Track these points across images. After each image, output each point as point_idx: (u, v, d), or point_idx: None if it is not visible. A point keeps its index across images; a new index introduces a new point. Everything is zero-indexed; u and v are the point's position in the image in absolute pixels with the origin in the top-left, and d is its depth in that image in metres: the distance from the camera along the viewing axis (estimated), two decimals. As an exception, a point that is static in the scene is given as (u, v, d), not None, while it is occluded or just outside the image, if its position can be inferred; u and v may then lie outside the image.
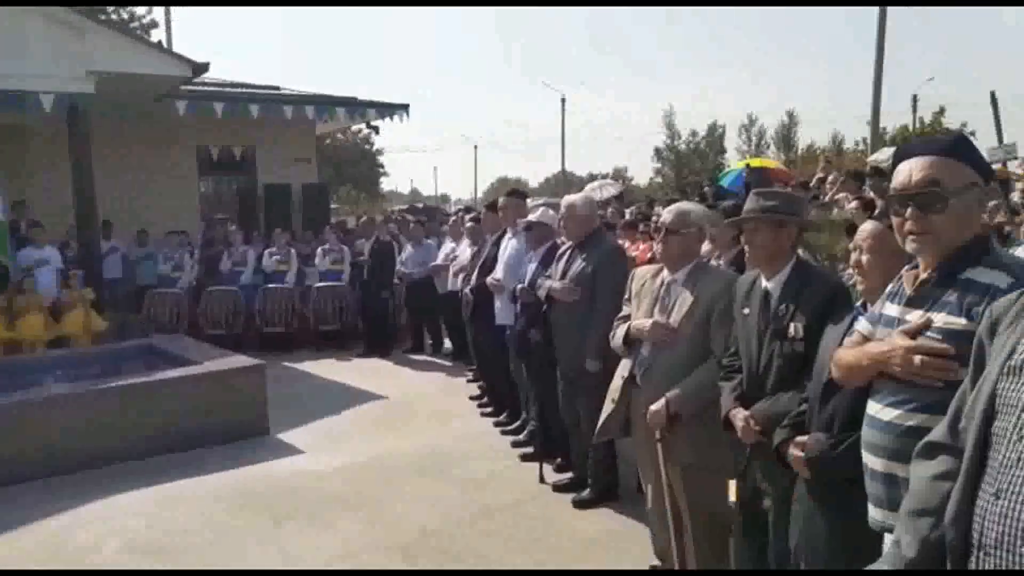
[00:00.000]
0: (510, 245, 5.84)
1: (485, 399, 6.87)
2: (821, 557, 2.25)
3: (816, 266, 3.55)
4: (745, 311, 2.88)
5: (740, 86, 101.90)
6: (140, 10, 29.56)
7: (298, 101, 12.52)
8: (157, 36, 25.76)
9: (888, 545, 1.67)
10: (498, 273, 5.80)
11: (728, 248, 4.13)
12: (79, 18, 8.93)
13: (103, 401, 5.61)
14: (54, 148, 9.88)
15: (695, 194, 13.84)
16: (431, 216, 15.93)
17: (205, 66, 9.80)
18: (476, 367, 7.30)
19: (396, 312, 10.18)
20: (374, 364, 9.06)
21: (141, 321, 9.63)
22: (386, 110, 13.34)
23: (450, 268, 7.89)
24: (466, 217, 8.28)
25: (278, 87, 13.72)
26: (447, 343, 9.36)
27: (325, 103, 12.91)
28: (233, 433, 5.89)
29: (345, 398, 7.29)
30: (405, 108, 13.38)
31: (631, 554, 3.89)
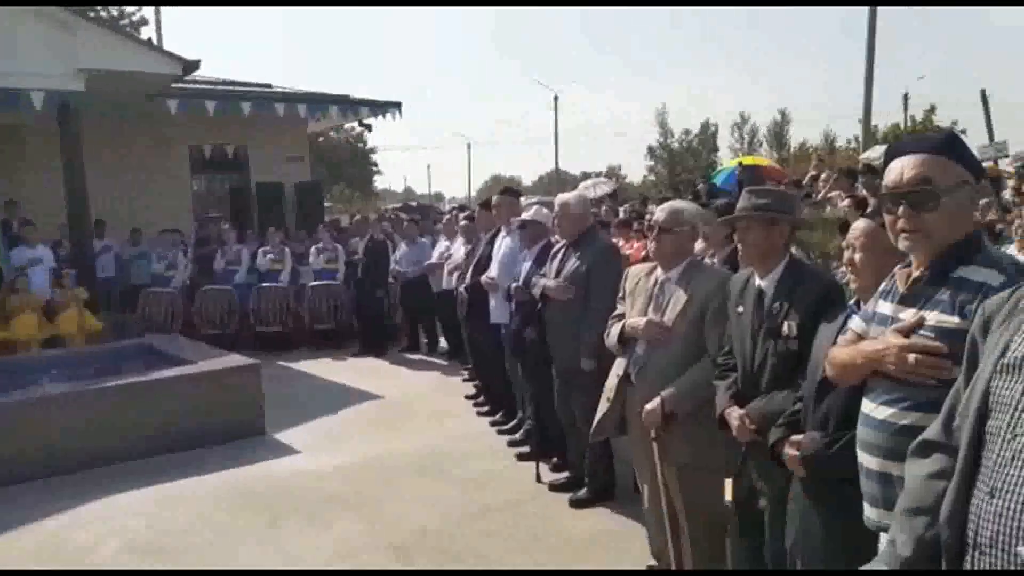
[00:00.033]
0: (504, 243, 5.83)
1: (481, 398, 6.87)
2: (817, 556, 2.25)
3: (809, 264, 3.56)
4: (739, 309, 2.88)
5: (735, 86, 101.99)
6: (130, 8, 29.46)
7: (290, 99, 12.50)
8: (147, 34, 25.69)
9: (883, 544, 1.67)
10: (492, 272, 5.80)
11: (721, 246, 4.14)
12: (69, 16, 8.90)
13: (100, 401, 5.59)
14: (47, 147, 9.84)
15: (688, 192, 13.84)
16: (425, 214, 15.94)
17: (196, 64, 9.78)
18: (472, 366, 7.30)
19: (391, 311, 10.18)
20: (370, 363, 9.05)
21: (136, 321, 9.61)
22: (379, 108, 13.34)
23: (444, 267, 7.88)
24: (460, 215, 8.25)
25: (269, 85, 13.67)
26: (442, 342, 9.35)
27: (317, 101, 12.89)
28: (230, 433, 5.89)
29: (341, 398, 7.28)
30: (398, 106, 13.37)
31: (628, 554, 3.89)
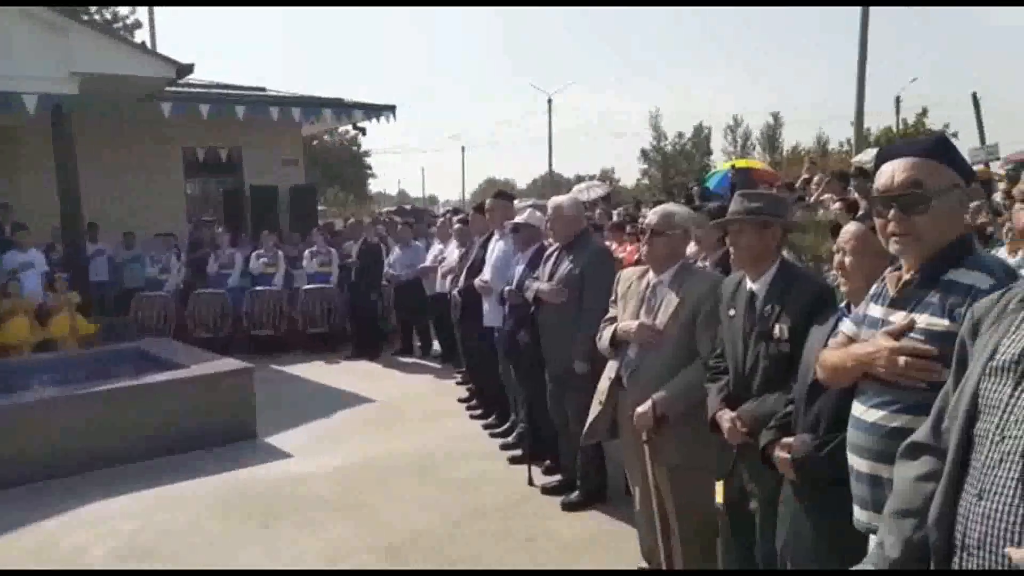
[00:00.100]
0: (498, 247, 5.83)
1: (474, 401, 6.86)
2: (808, 558, 2.25)
3: (801, 267, 3.57)
4: (731, 312, 2.89)
5: (735, 86, 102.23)
6: (123, 10, 29.37)
7: (284, 102, 12.48)
8: (141, 37, 25.66)
9: (873, 546, 1.67)
10: (486, 275, 5.80)
11: (713, 249, 4.14)
12: (62, 19, 8.87)
13: (92, 405, 5.56)
14: (43, 149, 9.81)
15: (681, 195, 13.88)
16: (419, 218, 15.88)
17: (190, 67, 9.76)
18: (465, 369, 7.29)
19: (385, 314, 10.16)
20: (363, 366, 9.03)
21: (129, 324, 9.58)
22: (373, 111, 13.31)
23: (438, 270, 7.88)
24: (454, 219, 8.26)
25: (263, 88, 13.65)
26: (436, 345, 9.35)
27: (312, 104, 12.88)
28: (222, 436, 5.86)
29: (334, 401, 7.27)
30: (392, 109, 13.36)
31: (620, 555, 3.90)
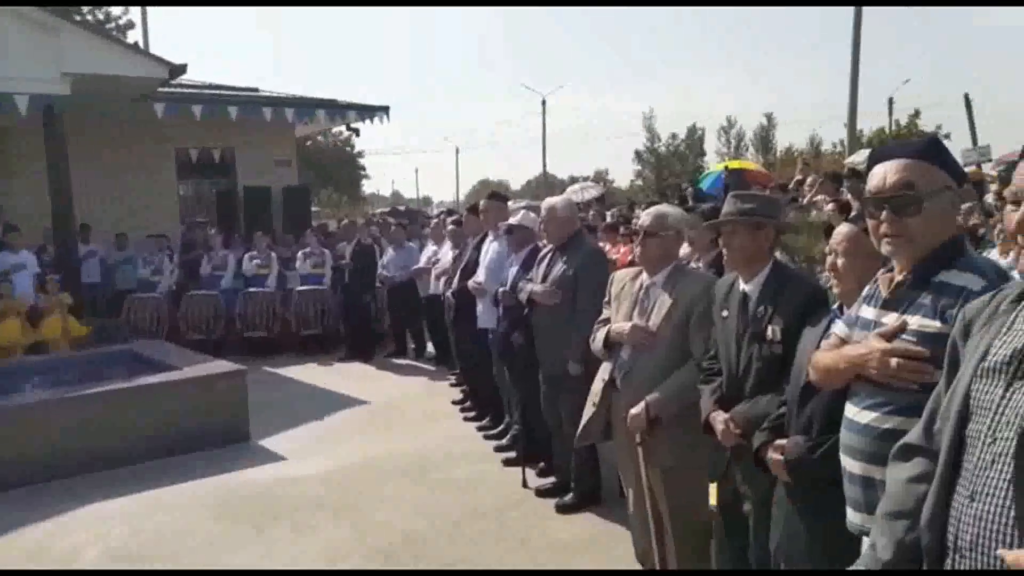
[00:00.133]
0: (491, 248, 5.83)
1: (468, 403, 6.85)
2: (801, 560, 2.25)
3: (794, 268, 3.58)
4: (724, 314, 2.89)
5: (734, 85, 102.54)
6: (116, 11, 29.31)
7: (277, 103, 12.45)
8: (133, 37, 25.60)
9: (865, 548, 1.68)
10: (480, 276, 5.79)
11: (707, 251, 4.15)
12: (54, 19, 8.84)
13: (84, 407, 5.53)
14: (33, 151, 9.76)
15: (675, 196, 13.90)
16: (413, 219, 15.86)
17: (182, 68, 9.73)
18: (459, 371, 7.28)
19: (378, 316, 10.14)
20: (356, 368, 9.01)
21: (121, 326, 9.55)
22: (366, 112, 13.30)
23: (432, 271, 7.87)
24: (448, 220, 8.24)
25: (256, 89, 13.62)
26: (429, 347, 9.33)
27: (305, 105, 12.86)
28: (215, 439, 5.84)
29: (328, 403, 7.24)
30: (385, 110, 13.35)
31: (614, 557, 3.89)
